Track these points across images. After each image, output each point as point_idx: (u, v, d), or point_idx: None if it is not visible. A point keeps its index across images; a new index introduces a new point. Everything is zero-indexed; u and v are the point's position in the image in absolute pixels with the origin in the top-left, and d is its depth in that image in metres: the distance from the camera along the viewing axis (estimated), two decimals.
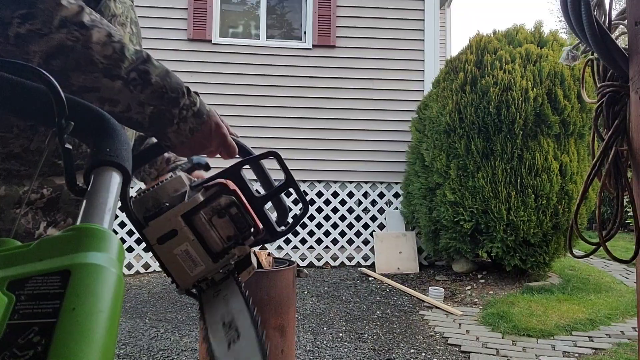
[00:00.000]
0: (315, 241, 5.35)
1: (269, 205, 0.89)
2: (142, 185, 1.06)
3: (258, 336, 0.69)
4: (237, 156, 0.88)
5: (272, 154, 0.86)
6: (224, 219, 0.77)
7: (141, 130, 0.78)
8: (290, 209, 0.80)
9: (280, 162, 0.88)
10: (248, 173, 0.86)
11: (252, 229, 0.80)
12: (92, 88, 0.69)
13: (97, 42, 0.68)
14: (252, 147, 0.91)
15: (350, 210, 5.47)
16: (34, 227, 0.82)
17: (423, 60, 5.67)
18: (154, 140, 1.01)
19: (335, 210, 5.43)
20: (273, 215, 0.89)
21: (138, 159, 0.78)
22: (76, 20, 0.67)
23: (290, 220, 0.92)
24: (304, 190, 5.43)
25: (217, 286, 0.79)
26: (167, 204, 0.74)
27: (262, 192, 0.90)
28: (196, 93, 0.81)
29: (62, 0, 0.66)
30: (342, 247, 5.39)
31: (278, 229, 0.86)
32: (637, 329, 1.49)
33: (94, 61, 0.68)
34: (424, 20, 5.69)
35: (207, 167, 0.92)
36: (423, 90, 5.56)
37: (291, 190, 0.91)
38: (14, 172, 0.79)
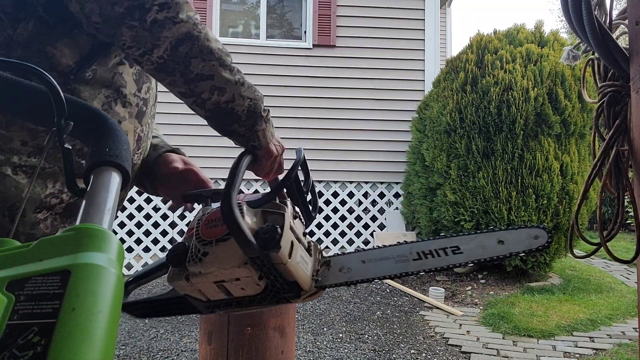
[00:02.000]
0: (316, 241, 5.34)
1: None
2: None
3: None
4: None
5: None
6: (297, 219, 0.88)
7: (238, 125, 0.83)
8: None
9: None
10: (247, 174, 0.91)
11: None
12: (208, 75, 0.77)
13: (212, 36, 0.78)
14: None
15: (351, 211, 5.47)
16: (52, 233, 0.82)
17: (423, 60, 5.67)
18: (168, 147, 1.03)
19: (335, 211, 5.43)
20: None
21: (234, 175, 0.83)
22: (197, 17, 0.76)
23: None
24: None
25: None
26: (271, 223, 0.80)
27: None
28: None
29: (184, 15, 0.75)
30: (342, 247, 5.39)
31: (312, 214, 0.98)
32: (637, 330, 1.49)
33: (213, 51, 0.77)
34: (424, 20, 5.69)
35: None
36: (423, 90, 5.56)
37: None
38: (39, 170, 0.79)
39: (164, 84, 0.79)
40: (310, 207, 0.97)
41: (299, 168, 0.94)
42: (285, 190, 0.90)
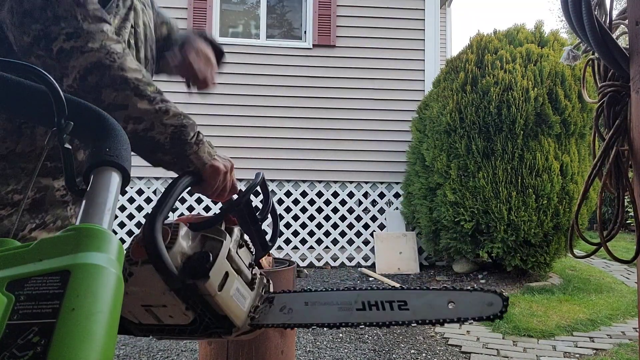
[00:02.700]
0: (316, 241, 5.35)
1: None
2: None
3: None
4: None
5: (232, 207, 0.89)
6: (243, 249, 0.83)
7: (162, 154, 0.81)
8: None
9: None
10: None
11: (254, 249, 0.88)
12: (121, 105, 0.75)
13: (130, 66, 0.77)
14: (251, 148, 0.94)
15: (351, 211, 5.47)
16: (19, 229, 0.83)
17: (423, 60, 5.67)
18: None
19: (335, 211, 5.42)
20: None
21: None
22: (114, 46, 0.76)
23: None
24: (303, 190, 5.44)
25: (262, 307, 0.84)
26: (207, 251, 0.75)
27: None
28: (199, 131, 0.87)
29: (104, 27, 0.75)
30: (342, 247, 5.39)
31: (269, 243, 0.92)
32: (637, 330, 1.49)
33: (128, 80, 0.76)
34: (424, 20, 5.69)
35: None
36: (423, 90, 5.55)
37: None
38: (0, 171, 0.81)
39: None
40: (269, 235, 0.92)
41: (256, 191, 0.90)
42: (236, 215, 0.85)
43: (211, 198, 0.89)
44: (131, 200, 5.15)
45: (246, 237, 0.87)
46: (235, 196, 0.91)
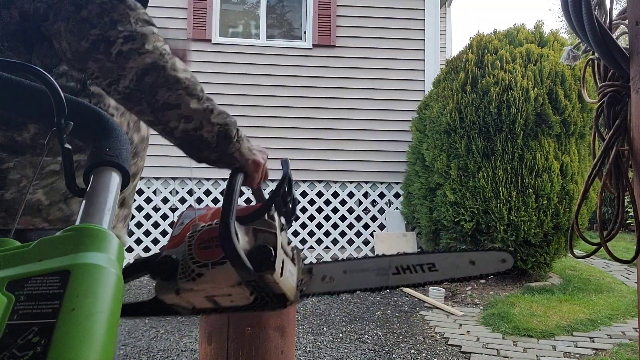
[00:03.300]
0: (316, 241, 5.35)
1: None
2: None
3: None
4: None
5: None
6: (284, 231, 0.91)
7: (208, 152, 0.85)
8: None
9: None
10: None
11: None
12: (175, 105, 0.79)
13: (180, 66, 0.80)
14: None
15: (351, 211, 5.47)
16: (70, 216, 0.88)
17: (423, 60, 5.67)
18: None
19: (335, 211, 5.42)
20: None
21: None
22: (164, 48, 0.79)
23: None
24: (303, 190, 5.44)
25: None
26: (267, 245, 0.83)
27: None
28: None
29: (154, 29, 0.79)
30: (342, 247, 5.39)
31: (292, 219, 1.00)
32: (637, 330, 1.49)
33: (180, 80, 0.79)
34: (424, 20, 5.69)
35: None
36: (423, 90, 5.55)
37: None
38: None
39: (133, 113, 0.82)
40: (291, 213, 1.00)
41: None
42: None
43: (252, 187, 0.95)
44: None
45: (282, 219, 0.93)
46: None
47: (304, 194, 5.43)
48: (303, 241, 5.33)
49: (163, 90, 0.77)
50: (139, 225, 5.11)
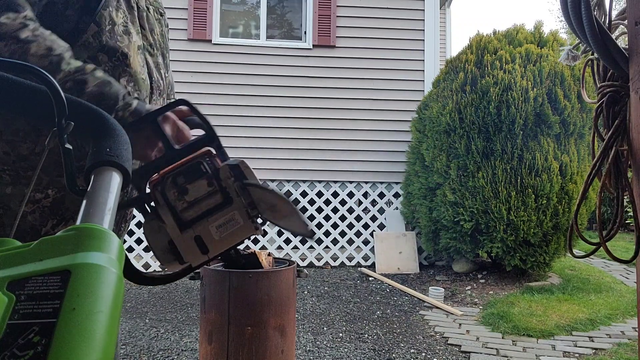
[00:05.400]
0: (316, 241, 5.35)
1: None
2: None
3: None
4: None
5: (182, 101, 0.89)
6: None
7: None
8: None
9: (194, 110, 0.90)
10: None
11: None
12: None
13: (33, 54, 0.76)
14: (252, 148, 0.93)
15: (351, 210, 5.47)
16: (41, 225, 0.88)
17: (423, 60, 5.67)
18: None
19: (335, 210, 5.43)
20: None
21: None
22: (14, 35, 0.75)
23: None
24: (303, 190, 5.44)
25: None
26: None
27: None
28: (137, 98, 0.87)
29: (2, 18, 0.75)
30: (342, 247, 5.39)
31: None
32: (637, 329, 1.49)
33: None
34: (424, 20, 5.69)
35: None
36: (423, 90, 5.56)
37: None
38: (22, 173, 0.85)
39: None
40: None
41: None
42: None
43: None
44: None
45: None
46: None
47: (304, 194, 5.43)
48: (303, 241, 5.33)
49: None
50: (139, 225, 5.11)
